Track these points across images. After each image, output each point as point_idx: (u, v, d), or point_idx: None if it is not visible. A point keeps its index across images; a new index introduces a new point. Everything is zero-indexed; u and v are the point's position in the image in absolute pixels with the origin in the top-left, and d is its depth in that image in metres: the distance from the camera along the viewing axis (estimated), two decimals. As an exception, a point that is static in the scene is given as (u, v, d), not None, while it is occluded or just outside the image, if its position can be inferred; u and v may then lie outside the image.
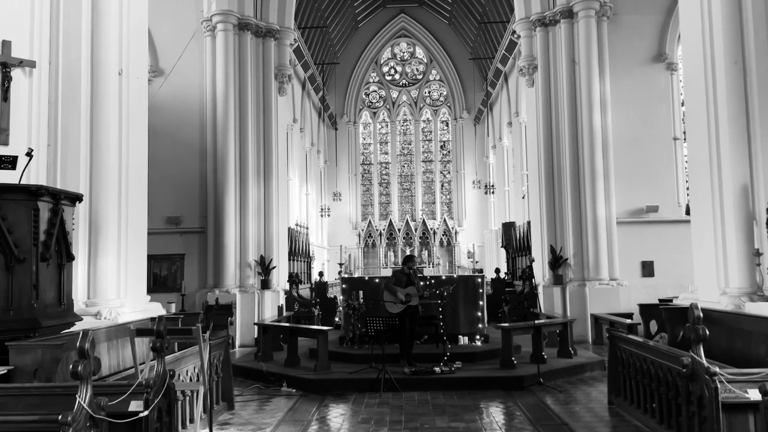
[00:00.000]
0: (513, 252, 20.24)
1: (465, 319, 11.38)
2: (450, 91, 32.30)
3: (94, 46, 7.28)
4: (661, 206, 14.12)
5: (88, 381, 3.07)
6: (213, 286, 13.99)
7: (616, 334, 7.37)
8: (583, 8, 14.03)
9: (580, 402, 7.91)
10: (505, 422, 7.03)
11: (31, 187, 5.30)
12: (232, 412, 7.54)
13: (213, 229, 14.13)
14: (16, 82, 6.54)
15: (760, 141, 6.91)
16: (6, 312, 5.09)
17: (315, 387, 8.76)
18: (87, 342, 3.05)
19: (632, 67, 14.42)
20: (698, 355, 4.08)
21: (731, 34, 7.17)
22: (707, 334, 4.08)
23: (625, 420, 6.85)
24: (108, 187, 7.26)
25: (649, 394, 6.20)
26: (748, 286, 6.89)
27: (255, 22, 14.90)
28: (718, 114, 7.34)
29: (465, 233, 30.57)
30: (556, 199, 14.38)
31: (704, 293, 7.57)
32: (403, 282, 9.79)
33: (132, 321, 6.90)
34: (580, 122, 13.97)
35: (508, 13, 21.36)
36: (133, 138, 7.75)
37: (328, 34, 28.13)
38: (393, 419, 7.14)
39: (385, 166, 32.96)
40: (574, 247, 13.92)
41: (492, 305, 14.94)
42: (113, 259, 7.23)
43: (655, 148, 14.24)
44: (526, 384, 8.68)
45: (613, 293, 13.52)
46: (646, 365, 6.23)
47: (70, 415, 2.83)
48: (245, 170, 14.46)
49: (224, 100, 14.23)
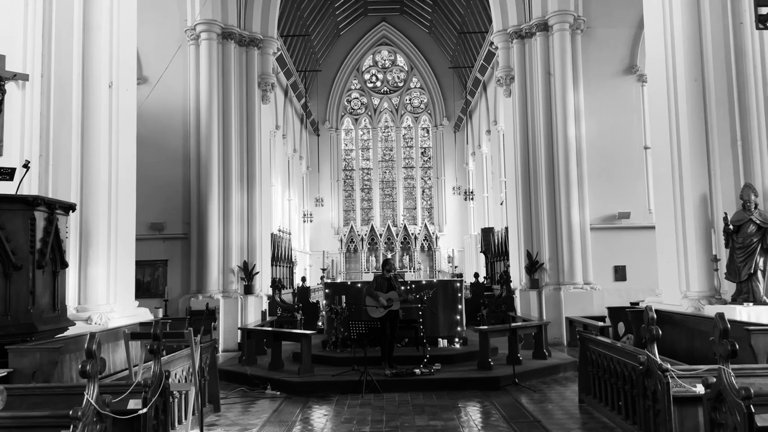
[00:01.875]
0: (492, 257, 20.68)
1: (444, 322, 11.70)
2: (430, 98, 32.80)
3: (85, 60, 7.52)
4: (632, 213, 14.58)
5: (95, 379, 3.34)
6: (196, 292, 14.15)
7: (586, 336, 7.77)
8: (558, 22, 14.53)
9: (553, 401, 8.27)
10: (482, 420, 7.38)
11: (29, 197, 5.53)
12: (218, 414, 7.78)
13: (196, 235, 14.30)
14: (10, 94, 6.76)
15: (718, 154, 7.39)
16: (4, 317, 5.31)
17: (299, 389, 9.02)
18: (94, 344, 3.32)
19: (605, 79, 14.92)
20: (652, 353, 4.47)
21: (692, 53, 7.65)
22: (660, 333, 4.47)
23: (594, 417, 7.23)
24: (98, 197, 7.49)
25: (616, 392, 6.59)
26: (707, 290, 7.35)
27: (238, 32, 15.15)
28: (679, 128, 7.80)
29: (445, 238, 31.02)
30: (532, 206, 14.82)
31: (668, 296, 8.02)
32: (384, 287, 10.08)
33: (121, 326, 7.13)
34: (556, 131, 14.44)
35: (486, 23, 21.86)
36: (123, 148, 7.99)
37: (311, 42, 28.44)
38: (374, 419, 7.44)
39: (367, 172, 33.30)
40: (549, 252, 14.36)
41: (471, 309, 15.31)
42: (103, 266, 7.46)
43: (627, 156, 14.73)
44: (502, 384, 9.02)
45: (587, 297, 13.96)
46: (613, 365, 6.63)
47: (80, 411, 3.10)
48: (228, 177, 14.67)
49: (208, 107, 14.44)
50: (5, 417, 2.61)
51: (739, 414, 3.22)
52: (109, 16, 7.78)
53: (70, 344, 5.61)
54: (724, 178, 7.33)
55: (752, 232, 6.90)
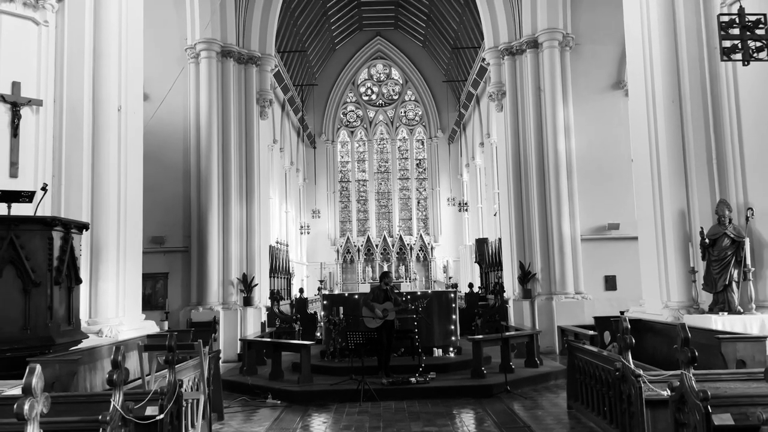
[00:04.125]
0: (486, 267, 21.05)
1: (439, 332, 12.04)
2: (425, 111, 33.31)
3: (95, 85, 7.92)
4: (622, 224, 14.97)
5: (120, 387, 3.70)
6: (196, 304, 14.45)
7: (574, 345, 8.14)
8: (548, 39, 15.02)
9: (543, 407, 8.62)
10: (475, 426, 7.73)
11: (47, 218, 5.91)
12: (222, 422, 8.10)
13: (196, 248, 14.63)
14: (25, 119, 7.15)
15: (695, 171, 7.83)
16: (24, 331, 5.67)
17: (299, 398, 9.33)
18: (120, 355, 3.68)
19: (593, 94, 15.37)
20: (627, 359, 4.86)
21: (669, 76, 8.11)
22: (633, 342, 4.87)
23: (581, 422, 7.59)
24: (108, 215, 7.87)
25: (601, 397, 6.95)
26: (686, 300, 7.76)
27: (237, 50, 15.58)
28: (659, 147, 8.25)
29: (441, 249, 31.40)
30: (524, 218, 15.22)
31: (650, 306, 8.43)
32: (381, 298, 10.44)
33: (130, 338, 7.48)
34: (546, 145, 14.89)
35: (479, 38, 22.35)
36: (131, 168, 8.38)
37: (307, 57, 28.94)
38: (372, 425, 7.79)
39: (363, 183, 33.71)
40: (541, 262, 14.75)
41: (466, 318, 15.64)
42: (113, 281, 7.82)
43: (616, 169, 15.11)
44: (494, 392, 9.36)
45: (579, 306, 14.32)
46: (598, 371, 6.99)
47: (108, 415, 3.46)
48: (228, 191, 15.03)
49: (208, 124, 14.83)
50: (41, 422, 2.97)
51: (698, 414, 3.61)
52: (117, 44, 8.20)
53: (85, 356, 5.96)
54: (701, 194, 7.77)
55: (727, 245, 7.32)
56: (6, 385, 5.16)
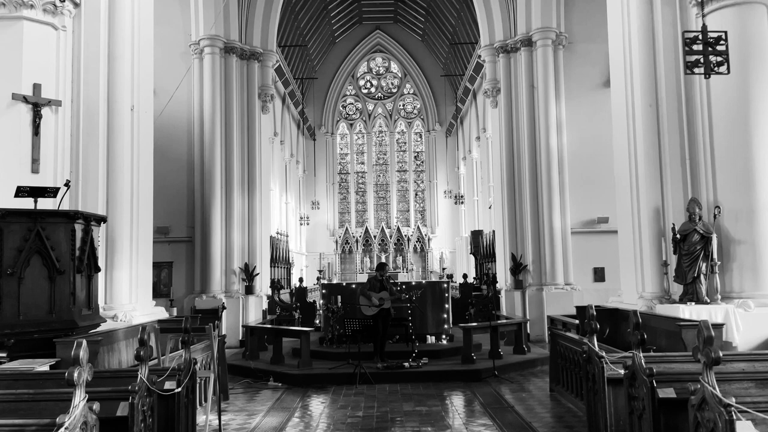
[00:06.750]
0: (481, 258, 21.61)
1: (432, 320, 12.62)
2: (423, 104, 33.77)
3: (110, 86, 8.45)
4: (611, 217, 15.38)
5: (146, 362, 4.26)
6: (200, 292, 14.99)
7: (556, 332, 8.73)
8: (541, 38, 15.49)
9: (528, 390, 9.23)
10: (463, 406, 8.34)
11: (70, 212, 6.46)
12: (227, 402, 8.70)
13: (200, 238, 15.17)
14: (45, 118, 7.67)
15: (670, 171, 8.38)
16: (50, 315, 6.24)
17: (298, 381, 9.93)
18: (146, 334, 4.24)
19: (585, 91, 15.81)
20: (592, 343, 5.44)
21: (647, 82, 8.64)
22: (598, 327, 5.44)
23: (561, 403, 8.19)
24: (122, 208, 8.43)
25: (578, 379, 7.55)
26: (658, 291, 8.35)
27: (240, 46, 16.05)
28: (636, 148, 8.80)
29: (437, 240, 31.98)
30: (517, 211, 15.76)
31: (627, 297, 9.02)
32: (377, 287, 10.98)
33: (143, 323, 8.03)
34: (539, 140, 15.40)
35: (476, 34, 22.76)
36: (143, 164, 8.93)
37: (307, 50, 29.35)
38: (367, 405, 8.39)
39: (362, 175, 34.23)
40: (533, 254, 15.30)
41: (460, 308, 16.24)
42: (126, 270, 8.40)
43: (606, 164, 15.39)
44: (483, 376, 9.95)
45: (568, 297, 14.85)
46: (576, 356, 7.58)
47: (136, 386, 4.02)
48: (230, 183, 15.55)
49: (211, 118, 15.32)
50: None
51: (645, 388, 4.18)
52: (130, 47, 8.71)
53: (104, 338, 6.54)
54: (674, 192, 8.33)
55: (696, 240, 7.89)
56: (36, 363, 5.74)
